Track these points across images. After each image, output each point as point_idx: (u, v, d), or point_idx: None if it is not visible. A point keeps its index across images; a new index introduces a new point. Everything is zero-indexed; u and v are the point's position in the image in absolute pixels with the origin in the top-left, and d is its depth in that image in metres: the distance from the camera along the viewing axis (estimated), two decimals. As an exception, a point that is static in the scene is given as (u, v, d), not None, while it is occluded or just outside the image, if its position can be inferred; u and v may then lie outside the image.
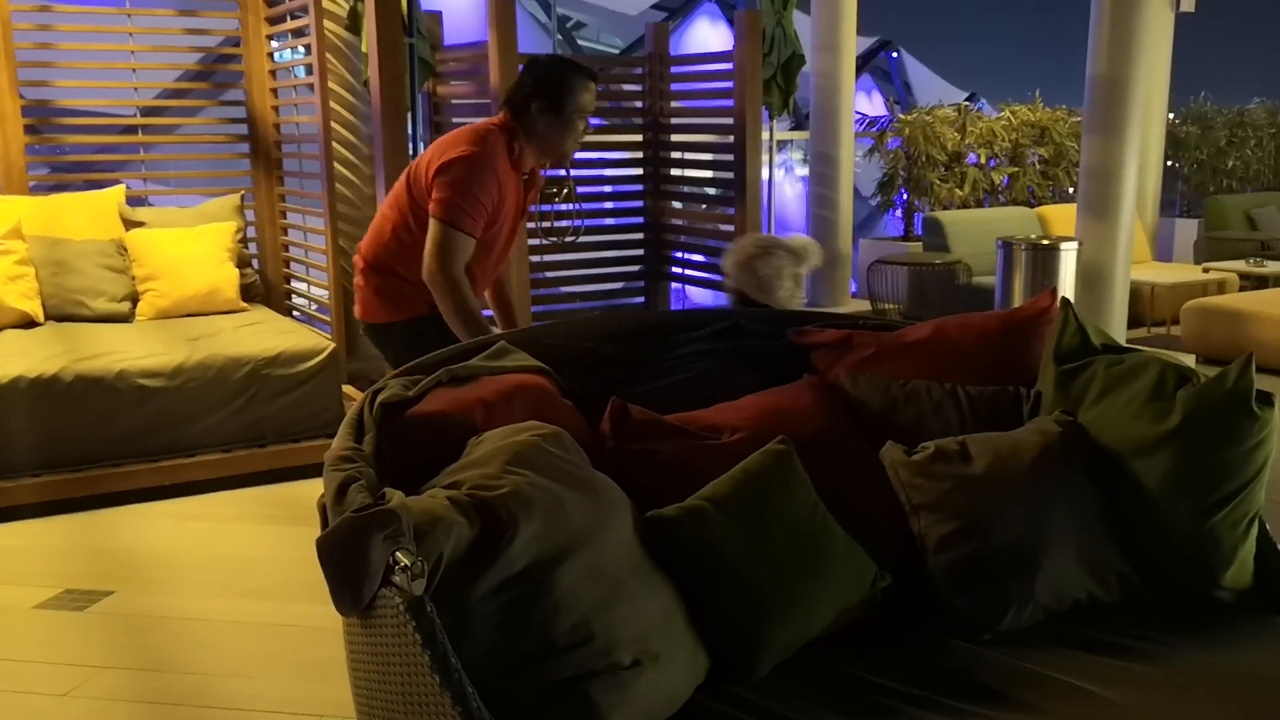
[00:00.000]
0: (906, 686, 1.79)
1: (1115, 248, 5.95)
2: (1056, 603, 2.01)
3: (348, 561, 1.54)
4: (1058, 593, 2.01)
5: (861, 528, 2.04)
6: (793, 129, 10.48)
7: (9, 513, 3.94)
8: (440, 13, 5.46)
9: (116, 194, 5.24)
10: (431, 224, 2.89)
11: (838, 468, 2.15)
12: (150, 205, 5.68)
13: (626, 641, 1.65)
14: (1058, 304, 2.44)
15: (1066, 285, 5.83)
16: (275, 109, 5.61)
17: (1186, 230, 9.55)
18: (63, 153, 5.91)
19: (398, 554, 1.49)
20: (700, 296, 6.75)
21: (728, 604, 1.85)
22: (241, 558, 3.62)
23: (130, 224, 5.12)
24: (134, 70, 5.47)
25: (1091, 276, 5.94)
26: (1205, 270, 7.61)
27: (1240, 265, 7.61)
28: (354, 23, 4.74)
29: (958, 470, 2.10)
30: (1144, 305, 7.16)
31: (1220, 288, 7.43)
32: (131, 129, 5.65)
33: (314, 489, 4.14)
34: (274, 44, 5.56)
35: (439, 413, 2.00)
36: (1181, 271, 7.78)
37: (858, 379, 2.42)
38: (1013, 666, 1.86)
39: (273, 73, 5.58)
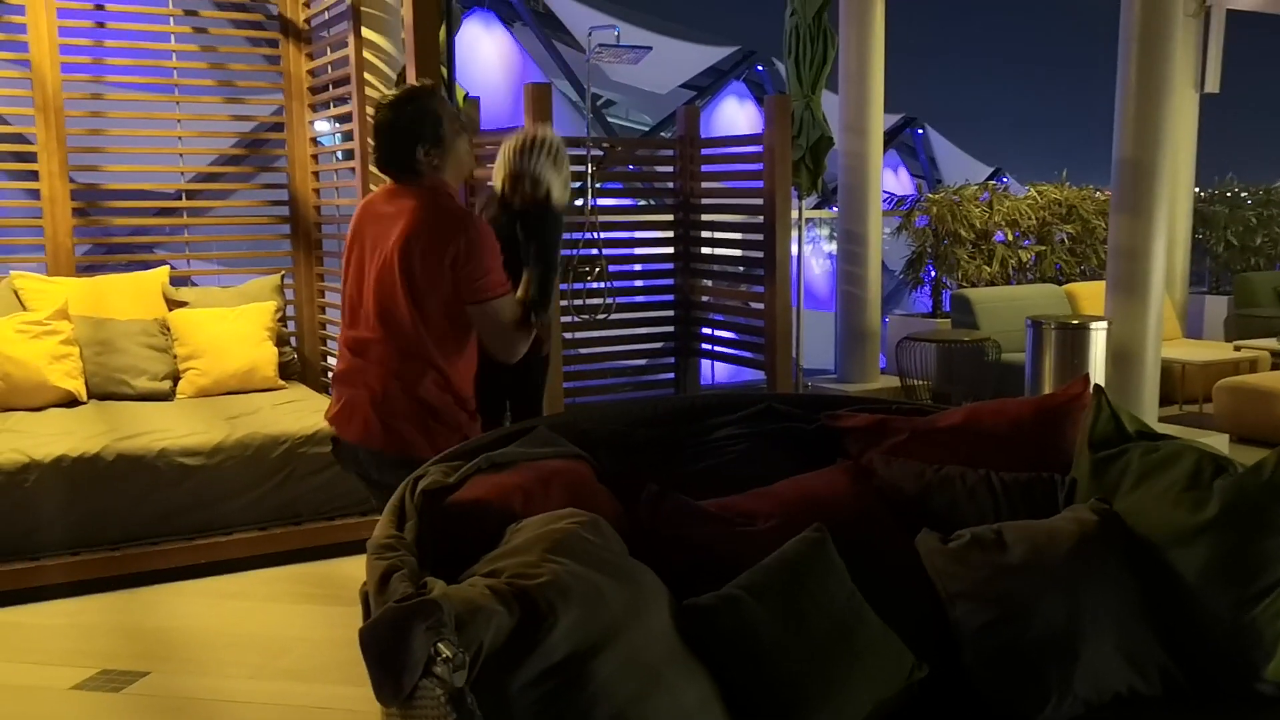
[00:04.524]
0: (946, 781, 1.78)
1: (1145, 327, 5.94)
2: (1096, 695, 1.99)
3: (390, 652, 1.56)
4: (1097, 685, 2.00)
5: (897, 616, 2.04)
6: (818, 205, 10.58)
7: (47, 591, 3.98)
8: (478, 98, 5.61)
9: (161, 274, 5.38)
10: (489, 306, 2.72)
11: (872, 555, 2.16)
12: (194, 284, 5.81)
13: (664, 733, 1.66)
14: (1090, 390, 2.45)
15: (1097, 364, 5.81)
16: (316, 191, 5.77)
17: (1216, 307, 9.53)
18: (110, 234, 6.07)
19: (439, 645, 1.51)
20: (727, 372, 6.80)
21: (764, 693, 1.85)
22: (277, 637, 3.64)
23: (173, 304, 5.25)
24: (181, 155, 5.64)
25: (1122, 355, 5.93)
26: (1236, 348, 7.57)
27: (1272, 343, 7.56)
28: (394, 110, 4.87)
29: (994, 559, 2.10)
30: (1175, 383, 7.12)
31: (1253, 366, 7.38)
32: (177, 211, 5.81)
33: (349, 567, 4.20)
34: (316, 127, 5.73)
35: (479, 499, 2.04)
36: (1212, 349, 7.73)
37: (891, 464, 2.44)
38: (1053, 761, 1.84)
39: (315, 156, 5.75)
